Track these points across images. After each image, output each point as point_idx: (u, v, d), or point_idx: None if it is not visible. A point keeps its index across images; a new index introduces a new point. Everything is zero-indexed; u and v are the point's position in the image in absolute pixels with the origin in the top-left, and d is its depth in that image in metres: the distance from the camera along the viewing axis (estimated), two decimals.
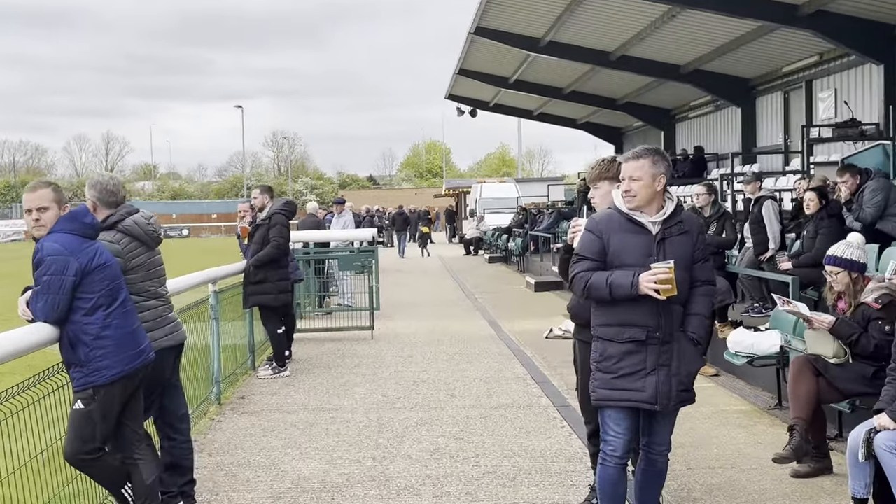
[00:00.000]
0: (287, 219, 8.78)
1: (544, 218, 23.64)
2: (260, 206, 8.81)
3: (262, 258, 8.54)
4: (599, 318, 3.96)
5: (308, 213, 14.26)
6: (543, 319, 12.72)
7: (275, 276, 8.59)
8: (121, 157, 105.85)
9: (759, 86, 18.62)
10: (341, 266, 11.60)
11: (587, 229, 3.99)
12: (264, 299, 8.60)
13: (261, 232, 8.65)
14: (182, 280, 6.79)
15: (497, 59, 22.31)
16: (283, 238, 8.61)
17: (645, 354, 3.85)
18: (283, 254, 8.70)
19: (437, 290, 18.04)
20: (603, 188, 4.49)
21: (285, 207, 8.75)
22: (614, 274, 3.82)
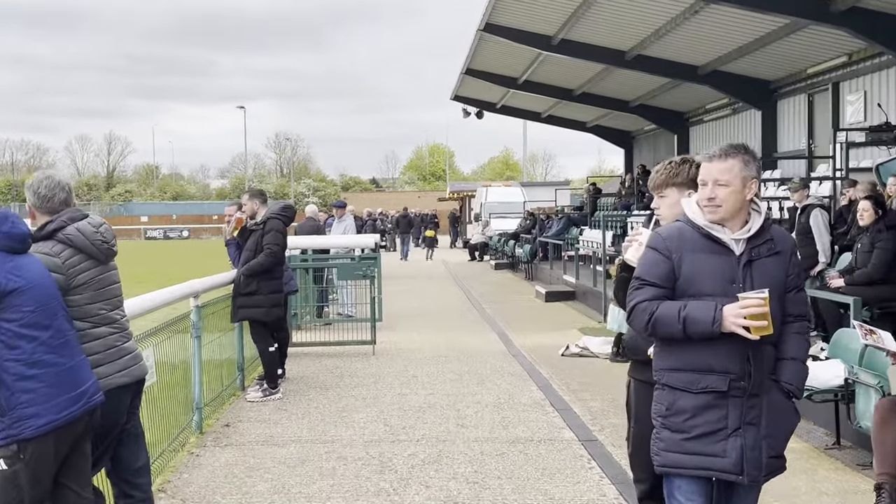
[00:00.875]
0: (284, 225, 7.95)
1: (553, 223, 22.80)
2: (251, 213, 7.97)
3: (253, 267, 7.70)
4: (666, 361, 3.12)
5: (307, 217, 13.42)
6: (557, 333, 11.88)
7: (267, 287, 7.75)
8: (123, 157, 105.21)
9: (782, 88, 17.76)
10: (340, 275, 10.74)
11: (651, 247, 3.15)
12: (254, 313, 7.76)
13: (253, 238, 7.82)
14: (159, 295, 5.97)
15: (506, 58, 21.48)
16: (277, 246, 7.78)
17: (726, 409, 3.01)
18: (278, 263, 7.86)
19: (442, 298, 17.20)
20: (670, 196, 3.66)
21: (282, 212, 7.92)
22: (689, 306, 2.99)
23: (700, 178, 3.13)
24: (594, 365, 9.42)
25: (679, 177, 3.67)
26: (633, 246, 3.77)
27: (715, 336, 2.95)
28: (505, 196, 35.20)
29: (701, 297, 3.00)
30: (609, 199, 25.23)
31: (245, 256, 7.79)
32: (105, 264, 3.78)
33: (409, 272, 24.86)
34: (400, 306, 15.55)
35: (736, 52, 16.48)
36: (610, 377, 8.69)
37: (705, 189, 3.09)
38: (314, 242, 10.98)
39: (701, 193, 3.10)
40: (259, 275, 7.71)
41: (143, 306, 5.50)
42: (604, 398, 7.72)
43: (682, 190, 3.57)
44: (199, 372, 6.58)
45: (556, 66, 21.03)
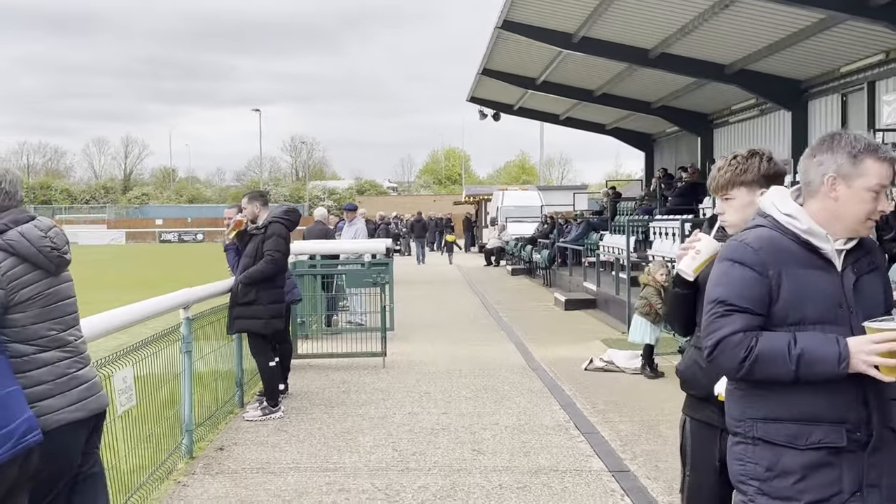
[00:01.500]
0: (287, 230, 7.34)
1: (572, 228, 22.11)
2: (251, 217, 7.38)
3: (252, 275, 7.11)
4: (758, 408, 2.45)
5: (315, 221, 12.81)
6: (578, 345, 11.22)
7: (267, 296, 7.15)
8: (140, 160, 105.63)
9: (813, 87, 17.01)
10: (349, 282, 10.12)
11: (738, 261, 2.47)
12: (253, 325, 7.16)
13: (253, 244, 7.22)
14: (146, 306, 5.39)
15: (524, 58, 20.84)
16: (279, 252, 7.18)
17: (841, 469, 2.36)
18: (279, 271, 7.26)
19: (456, 305, 16.56)
20: (738, 198, 3.03)
21: (285, 216, 7.32)
22: (802, 339, 2.34)
23: (878, 181, 2.43)
24: (620, 381, 8.75)
25: (748, 173, 3.04)
26: (688, 255, 3.14)
27: (836, 378, 2.31)
28: (522, 200, 34.53)
29: (805, 326, 2.36)
30: (628, 203, 24.52)
31: (244, 263, 7.20)
32: (56, 276, 3.18)
33: (423, 277, 24.25)
34: (413, 314, 14.93)
35: (765, 49, 15.77)
36: (639, 395, 8.03)
37: (879, 199, 2.42)
38: (319, 248, 10.32)
39: (875, 205, 2.42)
40: (258, 283, 7.11)
41: (123, 320, 4.92)
42: (633, 420, 7.06)
43: (753, 189, 2.94)
44: (190, 391, 5.98)
45: (576, 66, 20.37)
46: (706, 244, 3.13)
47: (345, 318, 12.76)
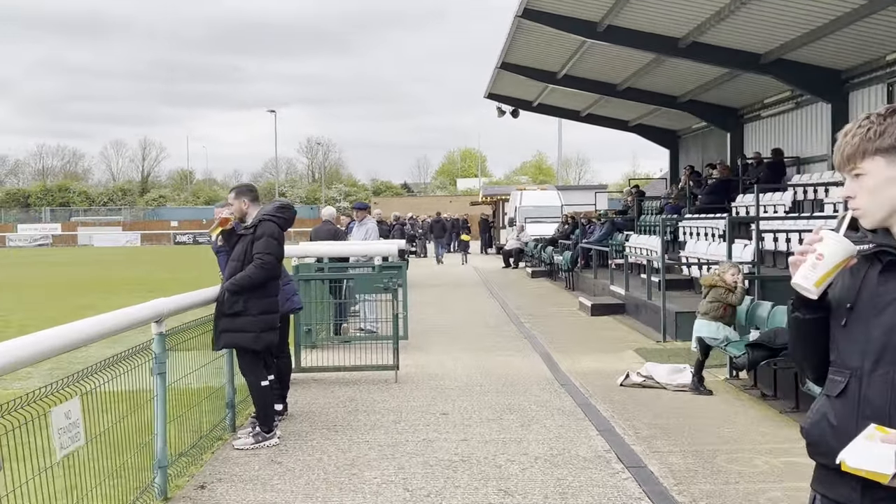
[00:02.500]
0: (280, 228, 6.41)
1: (595, 228, 21.09)
2: (239, 214, 6.45)
3: (240, 282, 6.18)
4: None
5: (323, 221, 11.91)
6: (609, 355, 10.23)
7: (257, 306, 6.22)
8: (157, 162, 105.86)
9: (855, 77, 15.93)
10: (358, 288, 9.16)
11: None
12: (241, 339, 6.23)
13: (242, 245, 6.29)
14: (110, 318, 4.48)
15: (545, 50, 19.86)
16: (271, 255, 6.25)
17: None
18: (271, 276, 6.32)
19: (474, 310, 15.60)
20: (874, 173, 2.05)
21: (278, 213, 6.39)
22: None
23: None
24: (662, 399, 7.76)
25: (888, 136, 2.06)
26: (806, 261, 2.15)
27: None
28: (541, 200, 33.53)
29: None
30: (653, 202, 23.46)
31: (231, 267, 6.27)
32: None
33: (439, 280, 23.31)
34: (428, 320, 13.99)
35: (804, 37, 14.72)
36: (688, 418, 7.03)
37: None
38: (325, 250, 9.33)
39: None
40: (248, 290, 6.18)
41: (73, 338, 4.01)
42: (686, 450, 6.07)
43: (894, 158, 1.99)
44: (163, 421, 5.05)
45: (600, 58, 19.38)
46: (832, 245, 2.13)
47: (356, 325, 11.85)
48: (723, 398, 7.75)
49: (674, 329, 11.18)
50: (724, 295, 7.89)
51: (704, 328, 7.92)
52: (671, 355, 9.91)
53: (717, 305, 7.91)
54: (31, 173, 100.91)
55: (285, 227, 6.40)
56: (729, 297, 7.88)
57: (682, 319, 11.15)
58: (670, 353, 10.04)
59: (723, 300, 7.89)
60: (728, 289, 7.89)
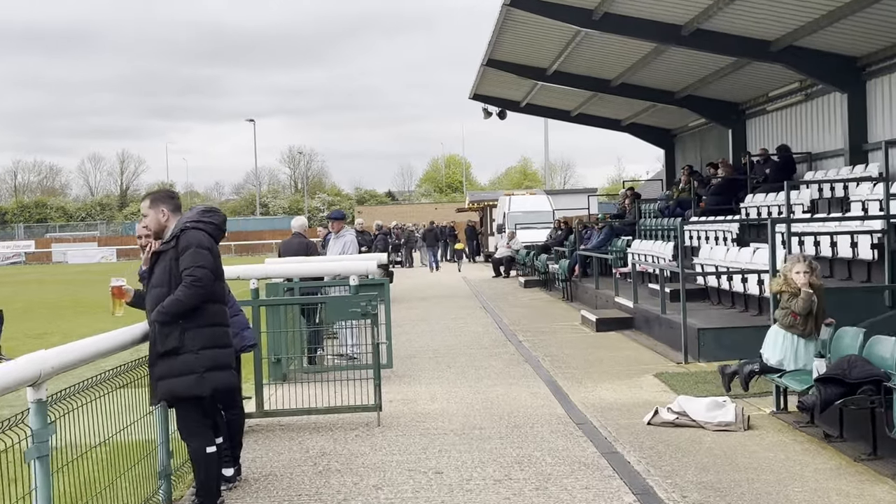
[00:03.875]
0: (210, 236, 4.97)
1: (592, 234, 19.74)
2: (157, 227, 5.01)
3: (169, 307, 4.75)
4: None
5: (293, 233, 10.45)
6: (626, 382, 8.83)
7: (198, 339, 4.79)
8: (136, 175, 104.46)
9: (873, 65, 14.65)
10: (330, 315, 7.66)
11: None
12: (180, 385, 4.79)
13: (164, 265, 4.86)
14: None
15: (535, 43, 18.51)
16: (204, 267, 4.82)
17: None
18: (209, 296, 4.87)
19: (466, 327, 14.18)
20: None
21: (204, 218, 4.97)
22: None
23: None
24: (704, 444, 6.36)
25: None
26: None
27: None
28: (530, 205, 32.21)
29: None
30: (651, 204, 22.12)
31: (154, 296, 4.83)
32: None
33: (426, 292, 21.86)
34: (416, 341, 12.57)
35: (818, 21, 13.44)
36: (744, 471, 5.62)
37: None
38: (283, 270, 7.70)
39: None
40: (181, 319, 4.74)
41: None
42: None
43: None
44: None
45: (594, 51, 18.05)
46: None
47: (333, 350, 10.42)
48: (776, 440, 6.35)
49: (696, 348, 9.80)
50: (791, 301, 6.47)
51: (774, 344, 6.50)
52: (699, 381, 8.53)
53: (786, 312, 6.52)
54: (8, 190, 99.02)
55: (217, 237, 4.97)
56: (794, 304, 6.46)
57: (707, 337, 9.79)
58: (697, 379, 8.66)
59: (792, 305, 6.48)
60: (792, 293, 6.47)
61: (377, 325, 7.24)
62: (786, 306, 6.51)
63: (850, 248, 10.17)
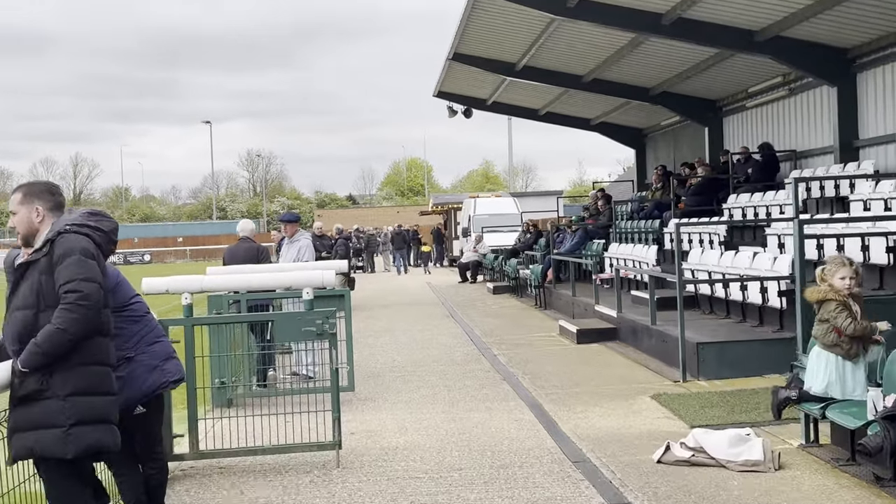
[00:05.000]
0: (95, 245, 3.77)
1: (565, 237, 18.72)
2: (26, 229, 3.79)
3: (45, 345, 3.55)
4: None
5: (240, 238, 9.22)
6: (622, 405, 7.76)
7: (68, 382, 3.60)
8: (90, 179, 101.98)
9: (864, 57, 13.81)
10: (280, 334, 6.39)
11: None
12: (41, 441, 3.59)
13: (32, 280, 3.65)
14: None
15: (504, 35, 17.47)
16: (92, 281, 3.63)
17: None
18: (99, 323, 3.67)
19: (435, 339, 13.04)
20: None
21: (90, 222, 3.80)
22: None
23: None
24: (730, 491, 5.28)
25: None
26: None
27: None
28: (496, 207, 31.18)
29: None
30: (624, 206, 21.15)
31: (16, 321, 3.61)
32: None
33: (389, 299, 20.67)
34: (380, 356, 11.41)
35: (806, 10, 12.55)
36: None
37: None
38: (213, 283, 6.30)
39: None
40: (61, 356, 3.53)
41: None
42: None
43: None
44: None
45: (567, 43, 17.03)
46: None
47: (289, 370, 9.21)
48: (817, 484, 5.30)
49: (695, 364, 8.77)
50: (837, 312, 5.40)
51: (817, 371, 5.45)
52: (704, 405, 7.49)
53: (826, 328, 5.46)
54: None
55: (106, 248, 3.77)
56: (840, 319, 5.37)
57: (707, 352, 8.76)
58: (702, 402, 7.61)
59: (833, 319, 5.40)
60: (841, 302, 5.39)
61: (336, 347, 6.06)
62: (826, 318, 5.44)
63: (860, 252, 9.23)
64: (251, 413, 6.39)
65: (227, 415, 6.47)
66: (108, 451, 3.84)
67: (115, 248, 3.92)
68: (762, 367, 8.69)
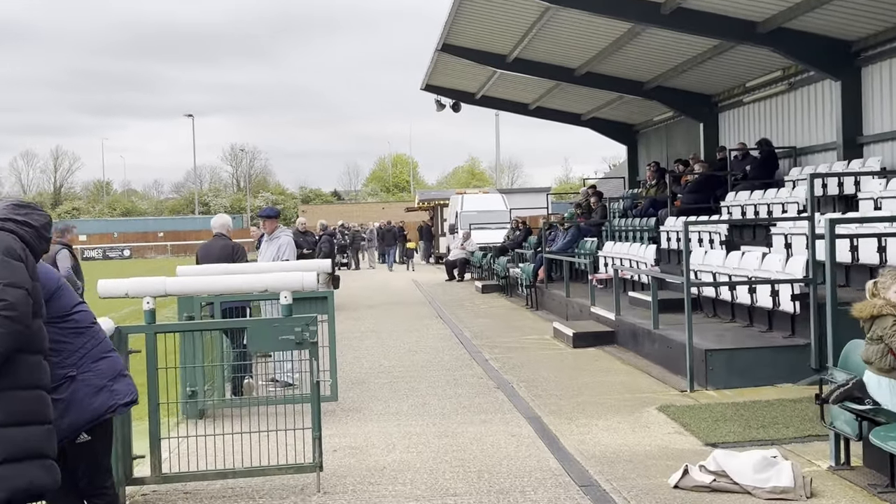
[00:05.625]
0: (22, 243, 3.15)
1: (557, 235, 18.14)
2: None
3: None
4: None
5: (215, 235, 8.55)
6: (628, 419, 7.17)
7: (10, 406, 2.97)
8: (71, 173, 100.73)
9: (869, 49, 13.31)
10: (255, 343, 5.71)
11: None
12: None
13: None
14: None
15: (495, 25, 16.87)
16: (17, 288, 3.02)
17: None
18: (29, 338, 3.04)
19: (423, 342, 12.42)
20: None
21: (16, 215, 3.22)
22: None
23: None
24: None
25: None
26: None
27: None
28: (484, 204, 30.56)
29: None
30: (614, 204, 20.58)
31: None
32: None
33: (375, 298, 20.02)
34: (365, 360, 10.79)
35: (809, 0, 12.05)
36: None
37: None
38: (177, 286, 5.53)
39: None
40: None
41: None
42: None
43: None
44: None
45: (560, 34, 16.44)
46: None
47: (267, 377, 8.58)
48: None
49: (703, 373, 8.20)
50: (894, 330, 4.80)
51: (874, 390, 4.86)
52: (717, 419, 6.91)
53: (880, 350, 4.87)
54: None
55: (36, 247, 3.14)
56: None
57: (716, 360, 8.19)
58: (714, 415, 7.04)
59: (888, 339, 4.81)
60: None
61: (317, 357, 5.43)
62: (881, 335, 4.84)
63: (877, 253, 8.70)
64: (221, 431, 5.74)
65: (195, 432, 5.82)
66: (44, 491, 3.21)
67: (48, 246, 3.29)
68: (773, 376, 8.15)
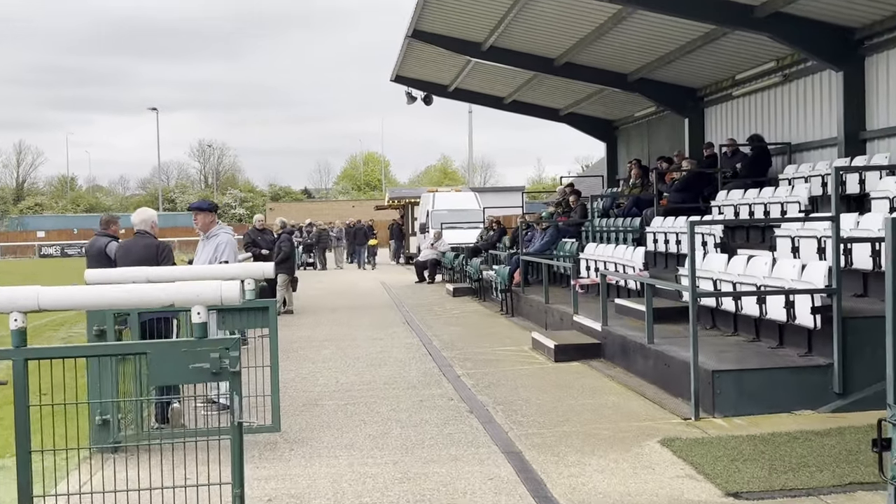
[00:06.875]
0: None
1: (535, 235, 16.98)
2: None
3: None
4: None
5: (136, 233, 7.16)
6: (626, 456, 5.98)
7: None
8: (34, 168, 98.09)
9: (874, 37, 12.29)
10: (156, 375, 4.40)
11: None
12: None
13: None
14: None
15: (470, 7, 15.68)
16: None
17: None
18: None
19: (387, 352, 11.18)
20: None
21: None
22: None
23: None
24: None
25: None
26: None
27: None
28: (456, 202, 29.38)
29: None
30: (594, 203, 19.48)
31: None
32: None
33: (338, 301, 18.73)
34: (320, 375, 9.53)
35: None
36: None
37: None
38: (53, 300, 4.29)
39: None
40: None
41: None
42: None
43: None
44: None
45: (539, 19, 15.26)
46: None
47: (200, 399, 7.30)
48: None
49: (710, 397, 7.05)
50: None
51: None
52: (734, 457, 5.76)
53: None
54: None
55: None
56: None
57: (724, 382, 7.05)
58: (729, 453, 5.88)
59: None
60: None
61: (239, 392, 4.16)
62: None
63: None
64: (124, 479, 4.46)
65: (102, 474, 4.53)
66: None
67: None
68: (790, 402, 7.04)
